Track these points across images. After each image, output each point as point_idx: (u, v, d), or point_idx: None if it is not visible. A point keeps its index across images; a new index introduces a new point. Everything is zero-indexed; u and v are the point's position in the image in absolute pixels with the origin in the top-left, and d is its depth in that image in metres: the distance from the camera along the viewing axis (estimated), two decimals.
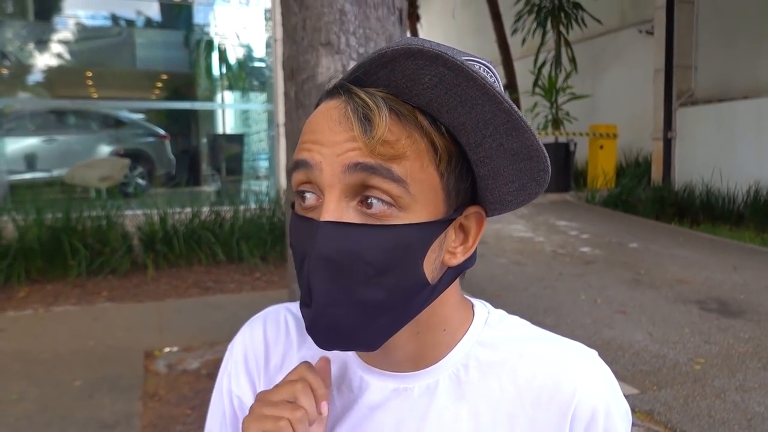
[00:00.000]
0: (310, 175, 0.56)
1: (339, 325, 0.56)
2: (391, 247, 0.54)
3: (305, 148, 0.57)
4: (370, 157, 0.54)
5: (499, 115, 0.54)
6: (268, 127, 8.27)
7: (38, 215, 5.18)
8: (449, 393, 0.64)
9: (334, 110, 0.56)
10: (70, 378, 3.14)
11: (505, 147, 0.57)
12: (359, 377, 0.67)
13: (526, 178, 0.61)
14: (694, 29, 9.85)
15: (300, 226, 0.58)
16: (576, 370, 0.64)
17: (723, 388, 3.05)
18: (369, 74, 0.55)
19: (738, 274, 5.27)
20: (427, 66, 0.52)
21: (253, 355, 0.75)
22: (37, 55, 9.67)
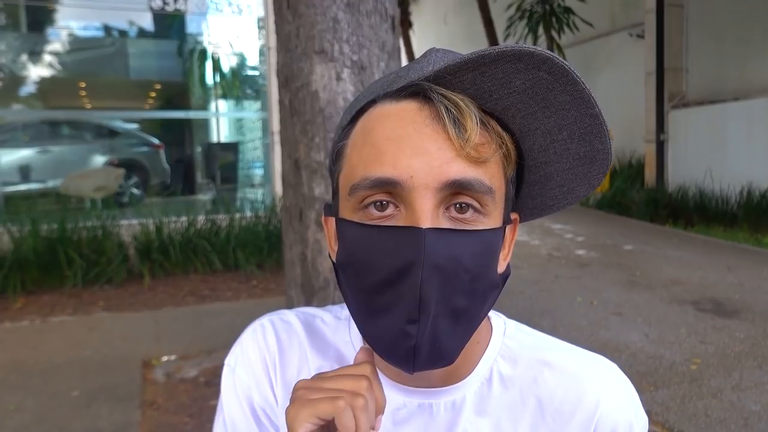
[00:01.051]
0: (394, 190, 0.53)
1: (439, 338, 0.53)
2: (479, 252, 0.54)
3: (388, 162, 0.53)
4: (465, 165, 0.52)
5: (583, 119, 0.55)
6: (262, 135, 8.29)
7: (33, 226, 5.17)
8: (472, 408, 0.64)
9: (415, 113, 0.54)
10: (67, 388, 3.13)
11: (572, 151, 0.57)
12: (385, 392, 0.64)
13: (579, 182, 0.60)
14: (685, 32, 9.93)
15: (382, 237, 0.53)
16: (599, 384, 0.64)
17: (719, 387, 3.07)
18: (454, 75, 0.53)
19: (732, 274, 5.30)
20: (526, 70, 0.51)
21: (270, 358, 0.71)
22: (31, 67, 9.67)
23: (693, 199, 8.81)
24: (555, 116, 0.55)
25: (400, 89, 0.55)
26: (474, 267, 0.53)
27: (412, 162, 0.52)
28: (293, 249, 2.88)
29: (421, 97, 0.54)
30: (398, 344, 0.53)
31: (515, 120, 0.56)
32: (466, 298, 0.54)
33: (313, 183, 2.69)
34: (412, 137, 0.53)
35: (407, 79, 0.55)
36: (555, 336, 0.70)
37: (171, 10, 8.07)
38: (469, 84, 0.54)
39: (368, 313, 0.55)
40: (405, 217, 0.53)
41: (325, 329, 0.72)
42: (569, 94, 0.53)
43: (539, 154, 0.59)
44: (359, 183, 0.54)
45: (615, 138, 10.58)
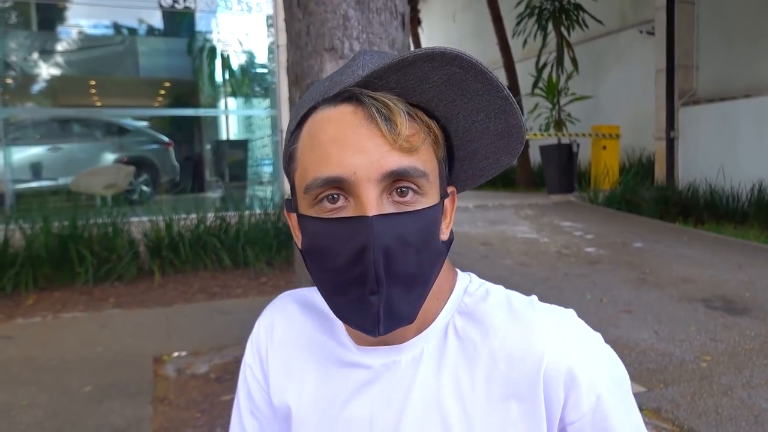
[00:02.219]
0: (342, 185, 0.61)
1: (395, 304, 0.62)
2: (421, 228, 0.62)
3: (334, 162, 0.61)
4: (400, 156, 0.61)
5: (495, 101, 0.64)
6: (271, 133, 8.31)
7: (45, 223, 5.21)
8: (432, 361, 0.69)
9: (351, 116, 0.62)
10: (79, 384, 3.16)
11: (491, 129, 0.67)
12: (357, 354, 0.73)
13: (502, 153, 0.70)
14: (695, 29, 9.86)
15: (337, 228, 0.61)
16: (545, 330, 0.67)
17: (730, 385, 3.06)
18: (380, 79, 0.61)
19: (743, 272, 5.27)
20: (441, 67, 0.60)
21: (262, 351, 0.83)
22: (41, 65, 9.75)
23: (703, 196, 8.76)
24: (472, 101, 0.64)
25: (336, 95, 0.63)
26: (418, 241, 0.62)
27: (354, 160, 0.60)
28: None
29: (354, 100, 0.62)
30: (363, 313, 0.62)
31: (438, 108, 0.64)
32: (415, 267, 0.62)
33: None
34: (351, 138, 0.60)
35: (341, 84, 0.63)
36: None
37: (180, 8, 8.11)
38: (395, 84, 0.61)
39: (334, 291, 0.64)
40: (354, 207, 0.61)
41: (315, 307, 0.81)
42: (480, 83, 0.62)
43: (464, 133, 0.68)
44: (312, 183, 0.62)
45: (624, 135, 10.55)
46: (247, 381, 0.84)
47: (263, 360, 0.82)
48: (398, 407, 0.69)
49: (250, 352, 0.84)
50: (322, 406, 0.73)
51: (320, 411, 0.73)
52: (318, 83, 0.68)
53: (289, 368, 0.78)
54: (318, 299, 0.80)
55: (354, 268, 0.60)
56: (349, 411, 0.71)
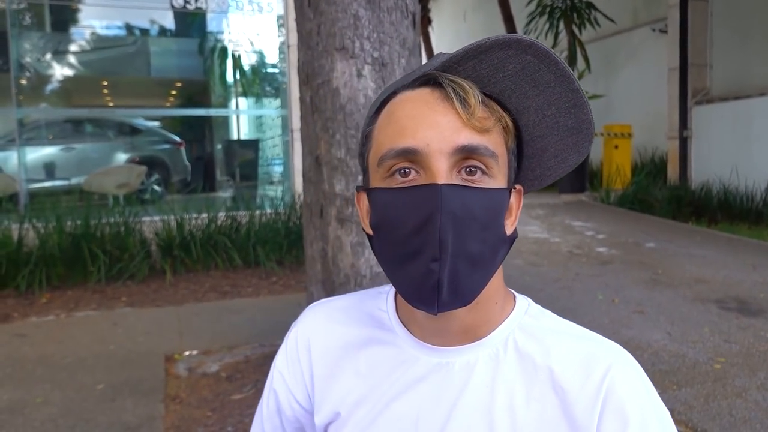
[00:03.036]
0: (414, 158, 0.63)
1: (457, 277, 0.62)
2: (488, 206, 0.64)
3: (408, 135, 0.63)
4: (471, 133, 0.63)
5: (567, 94, 0.65)
6: (282, 132, 8.32)
7: (58, 222, 5.25)
8: (487, 370, 0.69)
9: (428, 95, 0.65)
10: (92, 382, 3.19)
11: (561, 124, 0.68)
12: (408, 352, 0.73)
13: (570, 151, 0.71)
14: (709, 27, 9.77)
15: (407, 195, 0.63)
16: (606, 364, 0.67)
17: (744, 386, 3.03)
18: (458, 64, 0.64)
19: (757, 272, 5.22)
20: (516, 55, 0.62)
21: (300, 366, 0.82)
22: (55, 66, 9.81)
23: (717, 196, 8.67)
24: (543, 94, 0.65)
25: (415, 80, 0.67)
26: (483, 217, 0.63)
27: (428, 133, 0.62)
28: (314, 246, 2.90)
29: (432, 84, 0.65)
30: (424, 282, 0.62)
31: (511, 100, 0.66)
32: (478, 244, 0.63)
33: (333, 179, 2.70)
34: (427, 114, 0.63)
35: (422, 71, 0.67)
36: None
37: (192, 9, 8.14)
38: (471, 71, 0.64)
39: (398, 263, 0.65)
40: (424, 178, 0.63)
41: (359, 303, 0.81)
42: (553, 73, 0.63)
43: (534, 128, 0.69)
44: (386, 154, 0.64)
45: (636, 134, 10.48)
46: (274, 386, 0.83)
47: (299, 369, 0.81)
48: (447, 409, 0.69)
49: (282, 359, 0.83)
50: (368, 402, 0.73)
51: (365, 407, 0.73)
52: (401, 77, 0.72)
53: (331, 371, 0.78)
54: (358, 302, 0.81)
55: (420, 235, 0.61)
56: (396, 407, 0.71)
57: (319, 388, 0.78)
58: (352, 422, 0.73)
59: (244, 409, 2.81)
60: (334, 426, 0.76)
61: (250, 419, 2.71)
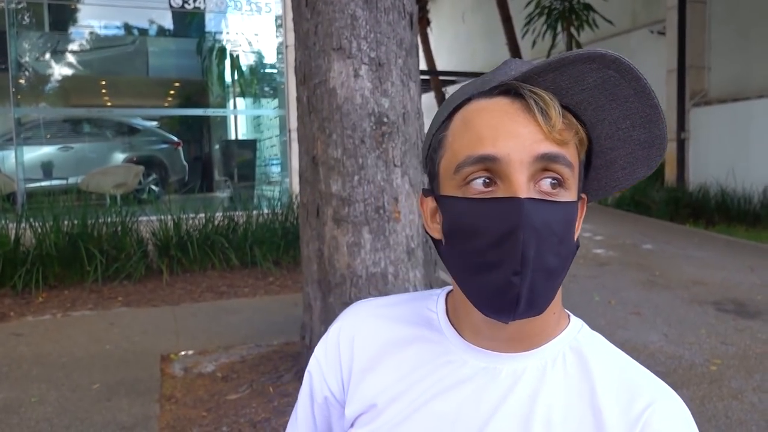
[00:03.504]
0: (493, 166, 0.63)
1: (535, 290, 0.63)
2: (564, 219, 0.64)
3: (488, 143, 0.63)
4: (551, 144, 0.63)
5: (644, 109, 0.65)
6: (279, 133, 8.32)
7: (55, 222, 5.24)
8: (532, 382, 0.69)
9: (507, 106, 0.65)
10: (88, 381, 3.18)
11: (634, 138, 0.68)
12: (455, 353, 0.73)
13: (640, 164, 0.70)
14: (707, 29, 9.78)
15: (488, 207, 0.63)
16: (651, 395, 0.67)
17: (740, 388, 3.03)
18: (538, 75, 0.64)
19: (755, 274, 5.22)
20: (598, 69, 0.63)
21: (343, 364, 0.80)
22: (53, 65, 9.80)
23: (714, 198, 8.68)
24: (620, 107, 0.65)
25: (493, 88, 0.66)
26: (560, 232, 0.63)
27: (509, 142, 0.62)
28: (310, 246, 2.89)
29: (511, 94, 0.65)
30: (503, 294, 0.63)
31: (586, 112, 0.66)
32: (555, 258, 0.64)
33: (330, 179, 2.70)
34: (507, 124, 0.63)
35: (496, 81, 0.66)
36: None
37: (190, 9, 8.14)
38: (550, 83, 0.64)
39: (474, 272, 0.65)
40: (503, 190, 0.63)
41: (407, 302, 0.82)
42: (633, 88, 0.63)
43: (606, 141, 0.69)
44: (464, 161, 0.64)
45: None
46: (310, 369, 0.84)
47: (337, 361, 0.81)
48: (487, 413, 0.69)
49: (322, 349, 0.83)
50: (406, 397, 0.73)
51: (403, 402, 0.73)
52: (469, 82, 0.72)
53: (371, 365, 0.78)
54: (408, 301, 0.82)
55: (500, 248, 0.62)
56: (435, 405, 0.71)
57: (355, 381, 0.78)
58: (387, 415, 0.73)
59: (239, 409, 2.81)
60: (366, 417, 0.75)
61: (245, 419, 2.71)
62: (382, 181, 2.66)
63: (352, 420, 0.77)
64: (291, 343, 3.62)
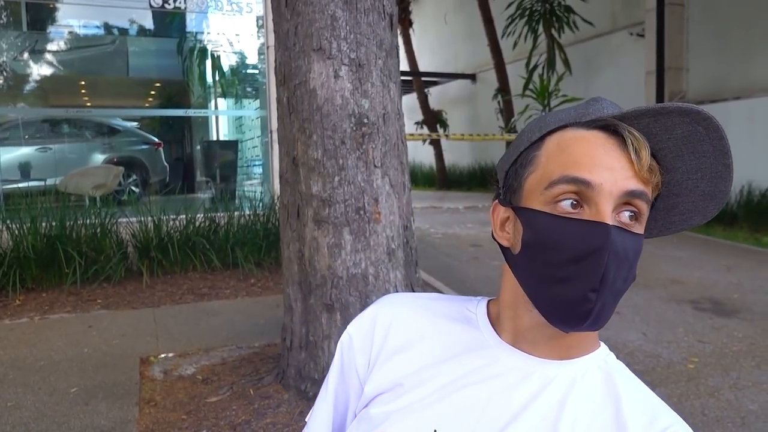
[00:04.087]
0: (584, 191, 0.68)
1: (605, 307, 0.68)
2: (636, 249, 0.69)
3: (585, 169, 0.68)
4: (638, 182, 0.68)
5: (717, 166, 0.70)
6: (261, 133, 8.28)
7: (33, 223, 5.16)
8: (562, 388, 0.73)
9: (606, 140, 0.70)
10: (66, 385, 3.14)
11: (700, 189, 0.72)
12: (491, 350, 0.77)
13: (697, 213, 0.75)
14: (685, 31, 9.92)
15: (576, 227, 0.68)
16: (671, 420, 0.72)
17: (717, 386, 3.07)
18: (635, 118, 0.69)
19: (732, 273, 5.30)
20: (688, 123, 0.68)
21: (376, 340, 0.84)
22: (31, 65, 9.66)
23: None
24: (697, 161, 0.70)
25: (592, 121, 0.71)
26: (632, 259, 0.69)
27: (604, 173, 0.67)
28: (291, 247, 2.88)
29: (607, 130, 0.70)
30: (577, 307, 0.67)
31: (666, 159, 0.72)
32: (624, 283, 0.69)
33: (310, 180, 2.69)
34: (603, 156, 0.68)
35: (594, 115, 0.72)
36: None
37: (171, 9, 8.07)
38: (643, 126, 0.70)
39: (549, 282, 0.69)
40: (589, 214, 0.68)
41: (447, 301, 0.87)
42: (714, 146, 0.68)
43: (674, 187, 0.74)
44: (558, 179, 0.69)
45: None
46: (343, 347, 0.87)
47: (369, 341, 0.84)
48: (515, 410, 0.72)
49: (357, 325, 0.86)
50: (435, 382, 0.76)
51: (431, 386, 0.76)
52: (560, 110, 0.77)
53: (401, 347, 0.81)
54: (448, 300, 0.87)
55: (582, 264, 0.66)
56: (465, 394, 0.74)
57: (382, 360, 0.81)
58: (412, 396, 0.76)
59: (219, 411, 2.79)
60: (389, 395, 0.78)
61: (225, 422, 2.69)
62: (362, 182, 2.66)
63: (371, 397, 0.80)
64: (272, 345, 3.60)
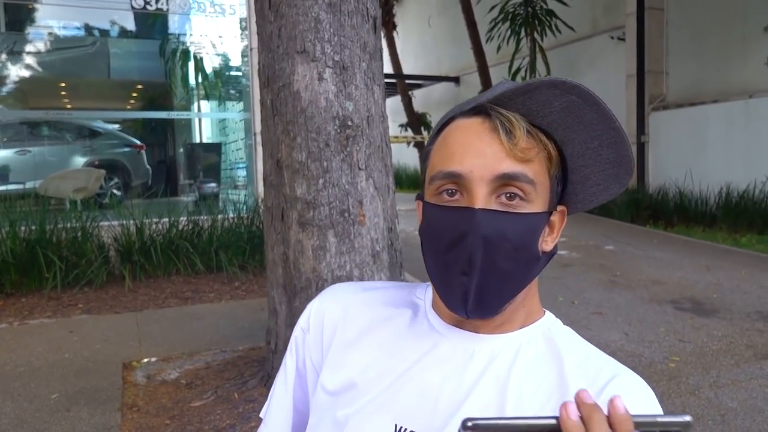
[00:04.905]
0: (459, 181, 0.71)
1: (485, 291, 0.71)
2: (522, 229, 0.72)
3: (456, 160, 0.72)
4: (512, 162, 0.70)
5: (608, 131, 0.72)
6: (245, 136, 8.25)
7: (12, 228, 5.09)
8: (508, 359, 0.76)
9: (478, 125, 0.73)
10: (46, 391, 3.10)
11: (603, 157, 0.75)
12: (437, 333, 0.80)
13: (612, 181, 0.78)
14: (665, 35, 10.05)
15: (448, 214, 0.72)
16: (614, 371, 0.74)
17: (697, 385, 3.11)
18: (510, 99, 0.72)
19: (711, 274, 5.37)
20: (562, 94, 0.70)
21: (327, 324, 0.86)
22: (10, 66, 9.54)
23: (673, 200, 8.91)
24: (587, 129, 0.73)
25: (471, 109, 0.75)
26: (516, 239, 0.71)
27: (473, 161, 0.71)
28: (275, 249, 2.87)
29: (484, 114, 0.73)
30: (456, 291, 0.72)
31: (558, 131, 0.74)
32: (510, 262, 0.71)
33: (294, 183, 2.69)
34: (474, 143, 0.72)
35: (478, 102, 0.75)
36: None
37: (153, 10, 8.01)
38: (521, 105, 0.72)
39: (437, 269, 0.74)
40: (466, 200, 0.71)
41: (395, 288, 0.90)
42: (596, 112, 0.71)
43: (578, 159, 0.77)
44: (436, 174, 0.74)
45: None
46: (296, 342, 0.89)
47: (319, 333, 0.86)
48: (467, 387, 0.75)
49: (306, 318, 0.89)
50: (391, 374, 0.79)
51: (387, 379, 0.78)
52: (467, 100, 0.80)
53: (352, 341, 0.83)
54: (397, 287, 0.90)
55: (454, 250, 0.71)
56: (420, 380, 0.77)
57: (333, 355, 0.84)
58: (370, 393, 0.79)
59: (203, 416, 2.77)
60: (347, 397, 0.80)
61: (209, 426, 2.67)
62: (346, 184, 2.66)
63: (329, 392, 0.82)
64: (256, 348, 3.58)
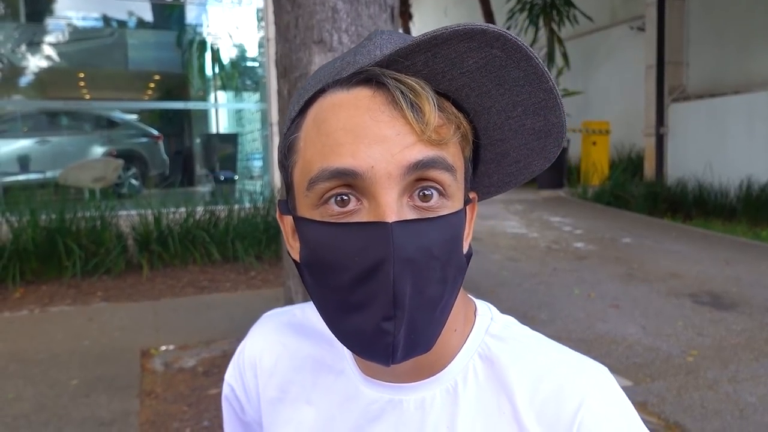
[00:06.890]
0: (354, 182, 0.51)
1: (414, 331, 0.52)
2: (447, 238, 0.53)
3: (347, 153, 0.50)
4: (425, 147, 0.51)
5: (537, 94, 0.54)
6: (261, 127, 8.28)
7: (32, 216, 5.17)
8: (444, 408, 0.60)
9: (368, 100, 0.52)
10: (66, 377, 3.15)
11: (527, 126, 0.57)
12: (358, 387, 0.64)
13: (536, 156, 0.60)
14: (685, 25, 9.90)
15: (347, 235, 0.51)
16: (579, 394, 0.57)
17: (715, 379, 3.09)
18: (406, 58, 0.51)
19: (730, 267, 5.31)
20: (479, 48, 0.50)
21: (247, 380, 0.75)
22: (29, 57, 9.65)
23: (692, 192, 8.81)
24: (509, 93, 0.54)
25: (351, 76, 0.53)
26: (443, 254, 0.52)
27: (372, 151, 0.50)
28: None
29: (373, 83, 0.52)
30: (375, 341, 0.51)
31: (469, 99, 0.55)
32: (439, 286, 0.52)
33: None
34: (369, 126, 0.50)
35: (357, 65, 0.53)
36: (552, 328, 0.68)
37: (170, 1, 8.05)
38: (422, 66, 0.52)
39: (340, 312, 0.53)
40: (369, 211, 0.51)
41: (313, 318, 0.71)
42: (522, 70, 0.52)
43: (494, 131, 0.58)
44: (317, 176, 0.51)
45: (613, 131, 10.58)
46: (229, 400, 0.78)
47: (247, 385, 0.74)
48: None
49: (232, 374, 0.76)
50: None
51: None
52: (326, 64, 0.57)
53: (280, 395, 0.70)
54: (313, 318, 0.71)
55: (366, 286, 0.50)
56: None
57: (268, 411, 0.71)
58: None
59: (220, 403, 2.80)
60: None
61: None
62: None
63: None
64: None
